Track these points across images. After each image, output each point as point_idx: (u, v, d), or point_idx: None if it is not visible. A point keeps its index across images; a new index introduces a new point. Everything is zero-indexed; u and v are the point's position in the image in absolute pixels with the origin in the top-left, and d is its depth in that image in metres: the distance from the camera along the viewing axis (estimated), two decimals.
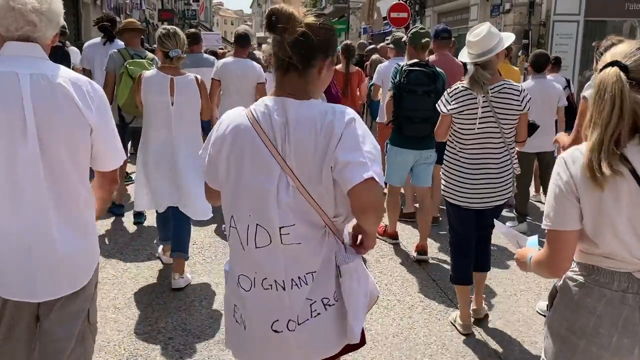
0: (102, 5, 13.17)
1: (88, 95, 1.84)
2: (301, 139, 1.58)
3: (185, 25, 35.38)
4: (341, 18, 29.26)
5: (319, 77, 1.67)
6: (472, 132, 3.17)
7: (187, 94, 3.81)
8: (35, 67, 1.78)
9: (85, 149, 1.87)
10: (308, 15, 1.61)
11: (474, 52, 3.13)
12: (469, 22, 15.10)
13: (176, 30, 3.88)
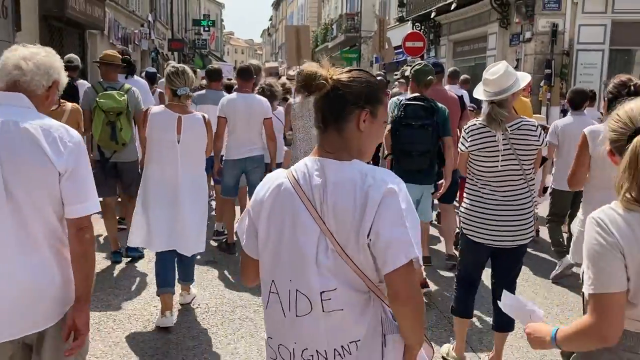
0: (109, 35, 12.83)
1: (60, 140, 1.85)
2: (339, 202, 1.51)
3: (195, 55, 35.47)
4: (352, 47, 29.01)
5: (360, 132, 1.58)
6: (495, 169, 3.16)
7: (194, 133, 3.79)
8: (10, 114, 1.82)
9: (51, 194, 1.87)
10: (336, 72, 1.58)
11: (490, 90, 3.13)
12: (487, 51, 14.62)
13: (185, 69, 3.86)
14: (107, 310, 4.03)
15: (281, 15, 66.08)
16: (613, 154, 1.64)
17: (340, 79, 1.57)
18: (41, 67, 1.91)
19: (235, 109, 5.10)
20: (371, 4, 27.32)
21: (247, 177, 5.35)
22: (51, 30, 9.61)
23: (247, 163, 5.24)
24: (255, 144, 5.24)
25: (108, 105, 4.74)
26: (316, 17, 44.58)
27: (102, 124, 4.73)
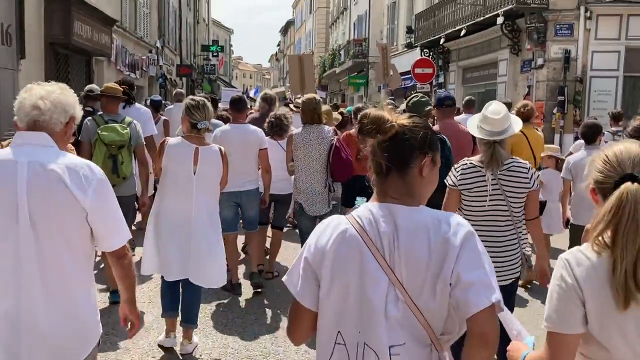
0: (116, 62, 12.75)
1: (85, 179, 1.92)
2: (413, 249, 1.49)
3: (203, 80, 35.60)
4: (360, 73, 28.99)
5: (422, 178, 1.59)
6: (482, 209, 3.15)
7: (211, 165, 3.83)
8: (35, 154, 1.91)
9: (80, 232, 1.95)
10: (400, 117, 1.57)
11: (490, 129, 3.11)
12: (498, 78, 14.44)
13: (205, 102, 3.91)
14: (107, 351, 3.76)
15: (289, 41, 66.64)
16: (595, 192, 1.62)
17: (404, 124, 1.56)
18: (58, 105, 1.99)
19: (229, 141, 4.93)
20: (378, 30, 27.37)
21: (243, 211, 5.25)
22: (57, 57, 9.51)
23: (242, 196, 5.13)
24: (250, 176, 5.15)
25: (110, 139, 4.63)
26: (324, 42, 44.86)
27: (103, 157, 4.61)
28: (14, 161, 1.90)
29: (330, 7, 42.36)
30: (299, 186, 5.03)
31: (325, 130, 5.00)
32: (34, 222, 1.88)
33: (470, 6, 14.55)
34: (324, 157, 4.94)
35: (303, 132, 4.99)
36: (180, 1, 23.99)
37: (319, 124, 5.01)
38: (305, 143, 4.94)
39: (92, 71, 11.19)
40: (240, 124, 5.20)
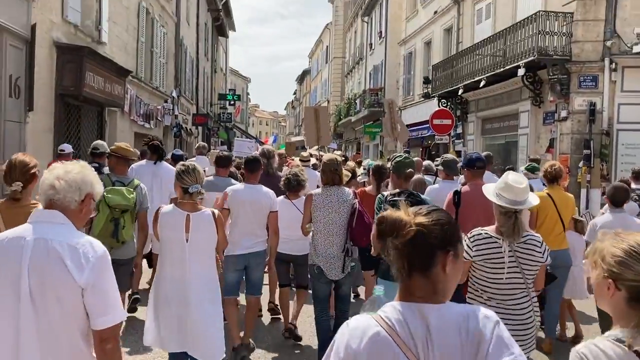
0: (130, 112, 12.59)
1: (84, 256, 2.02)
2: (446, 349, 1.47)
3: (220, 128, 35.72)
4: (376, 122, 28.83)
5: (446, 274, 1.54)
6: (499, 280, 3.12)
7: (203, 231, 3.77)
8: (44, 232, 2.05)
9: (75, 309, 2.02)
10: (418, 215, 1.55)
11: (513, 198, 3.06)
12: (519, 129, 14.03)
13: (195, 167, 3.88)
14: None
15: (305, 89, 67.43)
16: (616, 287, 1.58)
17: (423, 223, 1.54)
18: (73, 184, 2.11)
19: (240, 201, 4.96)
20: (394, 80, 27.36)
21: (248, 273, 5.11)
22: (68, 109, 9.32)
23: (250, 259, 5.03)
24: (258, 238, 5.08)
25: (115, 202, 4.59)
26: (339, 91, 45.17)
27: (105, 220, 4.56)
28: (23, 238, 2.04)
29: (346, 57, 42.83)
30: (317, 250, 4.85)
31: (346, 193, 4.87)
32: (33, 298, 1.98)
33: (490, 57, 14.30)
34: (344, 220, 4.79)
35: (323, 193, 4.85)
36: (197, 51, 24.21)
37: (340, 185, 4.88)
38: (326, 205, 4.79)
39: (105, 122, 11.00)
40: (253, 184, 5.10)
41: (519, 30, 12.85)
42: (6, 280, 2.01)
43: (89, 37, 9.86)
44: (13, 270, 2.01)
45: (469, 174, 4.95)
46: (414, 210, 1.58)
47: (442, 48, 20.05)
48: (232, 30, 40.86)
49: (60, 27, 8.70)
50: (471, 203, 4.61)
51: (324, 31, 52.01)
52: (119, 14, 11.78)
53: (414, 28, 23.11)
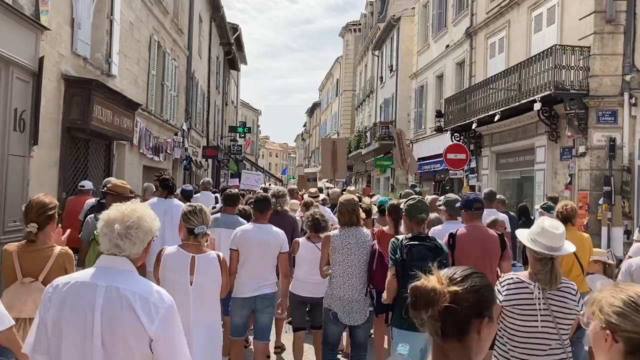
0: (139, 145, 12.41)
1: (154, 306, 2.11)
2: None
3: (230, 160, 35.66)
4: (387, 154, 28.60)
5: (480, 339, 1.54)
6: (530, 329, 2.98)
7: (208, 274, 3.68)
8: (114, 279, 2.12)
9: (145, 356, 2.09)
10: (452, 283, 1.53)
11: (549, 244, 2.95)
12: (535, 165, 13.68)
13: (202, 208, 3.83)
14: None
15: (315, 122, 67.70)
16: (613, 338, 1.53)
17: (457, 292, 1.51)
18: (137, 240, 2.19)
19: (249, 241, 4.86)
20: (405, 113, 27.22)
21: (256, 316, 5.01)
22: (75, 142, 9.14)
23: (257, 301, 4.93)
24: (267, 280, 4.96)
25: None
26: (349, 124, 45.20)
27: (96, 259, 4.08)
28: (94, 284, 2.11)
29: (356, 90, 42.98)
30: (334, 293, 4.72)
31: (365, 234, 4.78)
32: (105, 345, 2.04)
33: (504, 91, 14.07)
34: (363, 263, 4.68)
35: (341, 234, 4.74)
36: (209, 84, 24.28)
37: (357, 226, 4.78)
38: (344, 247, 4.68)
39: (112, 155, 10.81)
40: (262, 224, 5.01)
41: (534, 64, 12.64)
42: (78, 326, 2.06)
43: (98, 69, 9.75)
44: (85, 316, 2.06)
45: (467, 215, 4.91)
46: (447, 277, 1.55)
47: (454, 81, 19.90)
48: (244, 64, 41.21)
49: (69, 60, 8.58)
50: (466, 246, 4.55)
51: (334, 64, 52.41)
52: (130, 47, 11.72)
53: (426, 62, 23.05)
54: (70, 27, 8.54)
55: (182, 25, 17.12)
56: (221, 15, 24.90)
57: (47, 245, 3.48)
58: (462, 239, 4.66)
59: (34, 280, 3.33)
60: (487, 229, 4.99)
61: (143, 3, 12.53)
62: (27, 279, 3.33)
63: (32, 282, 3.32)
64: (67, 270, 3.74)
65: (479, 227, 4.88)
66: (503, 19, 15.89)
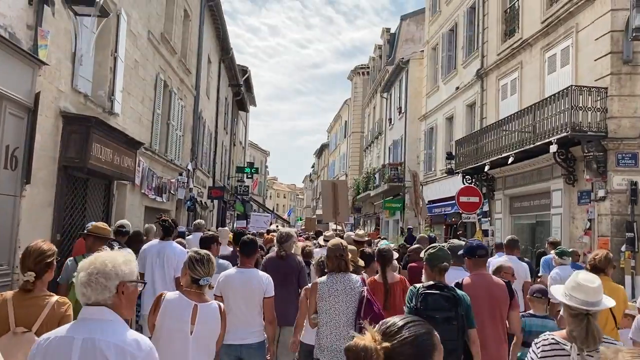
0: (141, 185, 12.04)
1: (130, 356, 2.10)
2: None
3: (236, 201, 35.28)
4: (396, 197, 28.15)
5: None
6: None
7: (209, 324, 3.57)
8: (91, 330, 2.11)
9: None
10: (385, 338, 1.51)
11: (582, 298, 2.78)
12: (552, 209, 13.15)
13: (210, 257, 3.76)
14: None
15: (323, 163, 67.65)
16: None
17: (389, 347, 1.48)
18: (98, 286, 2.17)
19: (232, 286, 4.71)
20: (415, 155, 26.89)
21: None
22: (73, 181, 8.77)
23: (242, 350, 4.71)
24: (253, 327, 4.75)
25: None
26: (357, 165, 44.97)
27: (75, 304, 4.20)
28: (71, 338, 2.12)
29: (365, 131, 42.89)
30: (321, 342, 4.54)
31: (354, 280, 4.62)
32: None
33: (518, 133, 13.69)
34: (352, 311, 4.52)
35: (329, 281, 4.60)
36: (216, 124, 24.13)
37: (346, 272, 4.64)
38: (332, 294, 4.53)
39: (112, 195, 10.42)
40: (247, 268, 4.87)
41: (549, 105, 12.29)
42: None
43: (100, 107, 9.47)
44: None
45: (471, 262, 4.75)
46: (381, 331, 1.53)
47: (464, 123, 19.60)
48: (253, 105, 41.35)
49: (69, 97, 8.29)
50: (475, 295, 4.37)
51: (343, 107, 52.62)
52: (134, 85, 11.50)
53: (435, 103, 22.84)
54: (70, 63, 8.29)
55: (190, 65, 17.02)
56: (230, 57, 24.97)
57: (44, 294, 3.35)
58: (469, 288, 4.45)
59: (27, 331, 3.19)
60: (492, 277, 4.82)
61: (149, 42, 12.38)
62: (20, 329, 3.19)
63: (24, 332, 3.19)
64: (61, 321, 3.47)
65: (485, 276, 4.73)
66: (515, 61, 15.66)
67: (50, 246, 3.39)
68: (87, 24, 8.54)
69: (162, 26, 13.50)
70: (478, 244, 4.89)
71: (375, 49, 39.56)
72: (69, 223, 8.71)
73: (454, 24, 21.13)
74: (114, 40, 9.97)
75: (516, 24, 16.02)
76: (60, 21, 7.75)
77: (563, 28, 13.13)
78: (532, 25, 14.70)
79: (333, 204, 12.76)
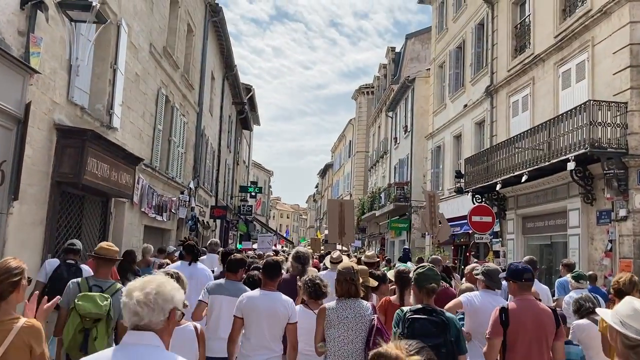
0: (140, 204, 11.55)
1: None
2: None
3: (239, 221, 34.74)
4: (402, 217, 27.58)
5: None
6: None
7: (184, 348, 3.36)
8: (139, 356, 2.02)
9: None
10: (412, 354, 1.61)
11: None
12: (568, 229, 12.58)
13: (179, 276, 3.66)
14: None
15: (327, 183, 67.17)
16: None
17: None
18: (155, 307, 2.10)
19: (255, 309, 4.55)
20: (421, 174, 26.40)
21: None
22: (67, 198, 8.29)
23: None
24: (273, 352, 4.60)
25: (86, 310, 4.19)
26: (362, 185, 44.47)
27: (74, 331, 4.19)
28: None
29: (369, 150, 42.47)
30: None
31: (364, 307, 4.41)
32: None
33: (531, 150, 13.19)
34: (361, 339, 4.30)
35: (338, 307, 4.38)
36: (220, 143, 23.72)
37: (356, 298, 4.43)
38: (341, 321, 4.32)
39: (110, 213, 9.92)
40: (271, 291, 4.71)
41: (565, 122, 11.82)
42: None
43: (97, 121, 9.03)
44: None
45: (515, 287, 4.42)
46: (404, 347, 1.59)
47: (473, 141, 19.14)
48: (257, 124, 41.05)
49: (64, 109, 7.85)
50: (522, 322, 4.18)
51: (347, 126, 52.34)
52: (134, 99, 11.08)
53: (442, 122, 22.42)
54: (66, 73, 7.86)
55: (193, 81, 16.66)
56: (234, 74, 24.67)
57: (10, 317, 3.04)
58: (516, 314, 4.21)
59: None
60: (539, 303, 4.50)
61: (151, 55, 12.01)
62: None
63: None
64: (33, 347, 3.06)
65: (532, 301, 4.39)
66: (526, 77, 15.24)
67: (19, 264, 3.14)
68: (84, 32, 8.14)
69: (164, 40, 13.15)
70: (524, 267, 4.56)
71: (380, 68, 39.33)
72: (63, 243, 8.20)
73: (461, 41, 20.80)
74: (113, 51, 9.57)
75: (527, 39, 15.64)
76: (55, 28, 7.34)
77: (578, 42, 12.72)
78: (544, 40, 14.31)
79: (338, 225, 12.25)
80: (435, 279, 4.08)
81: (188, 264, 6.32)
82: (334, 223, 12.24)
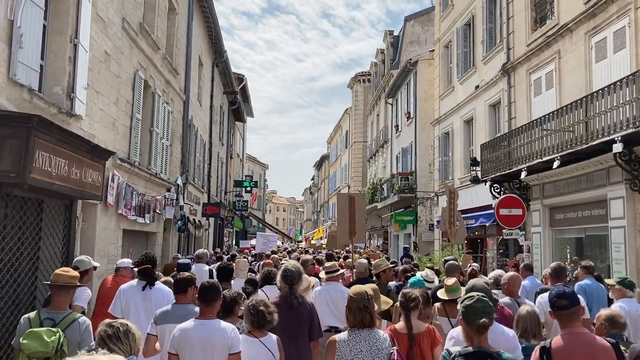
0: (117, 205, 9.89)
1: None
2: None
3: (234, 217, 33.14)
4: (407, 209, 26.00)
5: None
6: None
7: None
8: None
9: None
10: None
11: None
12: (610, 221, 10.97)
13: (127, 328, 3.12)
14: None
15: (323, 175, 65.69)
16: None
17: None
18: None
19: (189, 342, 4.07)
20: (426, 163, 24.83)
21: None
22: (14, 203, 6.63)
23: None
24: None
25: (30, 349, 3.79)
26: (360, 176, 42.95)
27: None
28: None
29: (368, 140, 40.88)
30: None
31: (381, 339, 3.91)
32: None
33: (562, 133, 11.59)
34: None
35: (350, 339, 3.91)
36: (211, 135, 22.05)
37: (371, 328, 3.95)
38: (354, 355, 3.83)
39: (76, 218, 8.26)
40: (208, 319, 4.22)
41: (603, 98, 10.22)
42: None
43: (54, 106, 7.36)
44: None
45: (560, 317, 3.60)
46: None
47: (487, 126, 17.54)
48: (250, 116, 39.36)
49: (3, 90, 6.19)
50: None
51: (343, 116, 50.74)
52: (105, 82, 9.39)
53: (450, 106, 20.80)
54: (6, 45, 6.19)
55: (177, 65, 14.95)
56: (225, 60, 22.96)
57: None
58: (560, 354, 3.41)
59: None
60: (595, 338, 3.58)
61: (125, 31, 10.30)
62: None
63: None
64: None
65: (584, 335, 3.52)
66: (550, 50, 13.62)
67: None
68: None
69: (140, 15, 11.43)
70: (559, 292, 3.65)
71: (378, 54, 37.64)
72: (11, 260, 6.55)
73: (470, 17, 19.14)
74: (73, 22, 7.88)
75: (550, 9, 14.01)
76: None
77: (615, 6, 11.09)
78: (571, 7, 12.68)
79: (349, 223, 10.63)
80: (487, 313, 3.42)
81: (141, 289, 5.67)
82: (344, 221, 10.61)
